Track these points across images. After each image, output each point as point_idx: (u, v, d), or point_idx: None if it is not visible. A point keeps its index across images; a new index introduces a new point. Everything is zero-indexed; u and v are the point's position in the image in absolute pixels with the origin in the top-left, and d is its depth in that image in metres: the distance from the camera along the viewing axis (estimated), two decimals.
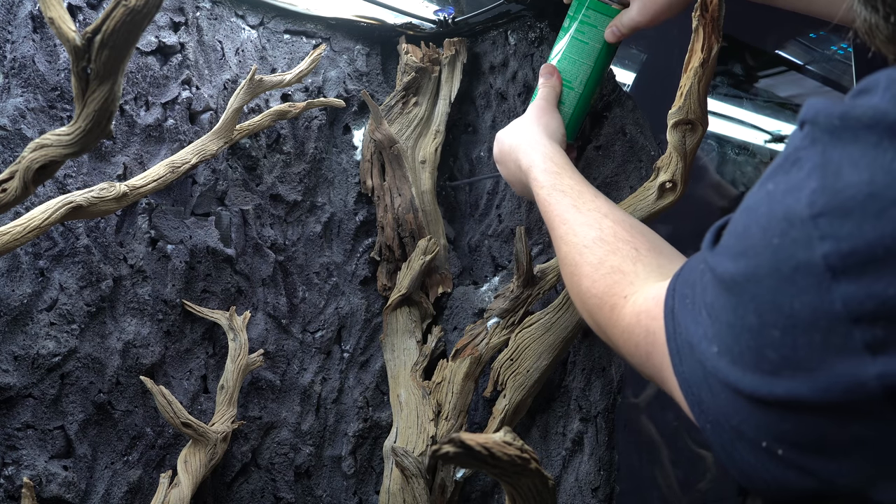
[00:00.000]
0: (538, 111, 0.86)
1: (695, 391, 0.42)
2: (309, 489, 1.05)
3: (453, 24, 1.12)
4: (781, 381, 0.35)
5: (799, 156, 0.36)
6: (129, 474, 0.90)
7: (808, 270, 0.33)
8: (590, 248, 0.63)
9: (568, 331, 0.92)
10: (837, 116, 0.35)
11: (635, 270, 0.58)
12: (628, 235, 0.62)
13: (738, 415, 0.39)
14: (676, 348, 0.45)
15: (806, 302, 0.34)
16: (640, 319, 0.52)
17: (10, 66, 0.85)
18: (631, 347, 0.54)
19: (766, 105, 1.47)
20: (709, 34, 0.68)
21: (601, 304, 0.58)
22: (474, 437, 0.43)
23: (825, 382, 0.34)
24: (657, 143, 0.95)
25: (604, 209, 0.67)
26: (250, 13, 1.05)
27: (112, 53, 0.60)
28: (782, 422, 0.36)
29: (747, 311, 0.37)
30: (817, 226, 0.33)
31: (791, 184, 0.36)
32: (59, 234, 0.86)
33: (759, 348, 0.36)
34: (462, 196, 1.19)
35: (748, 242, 0.37)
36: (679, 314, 0.45)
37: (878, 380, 0.32)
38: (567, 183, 0.72)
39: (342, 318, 1.10)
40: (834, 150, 0.34)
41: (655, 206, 0.82)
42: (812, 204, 0.34)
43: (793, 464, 0.37)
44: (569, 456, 1.00)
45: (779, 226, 0.35)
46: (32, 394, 0.84)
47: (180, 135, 0.96)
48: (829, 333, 0.33)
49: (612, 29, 0.86)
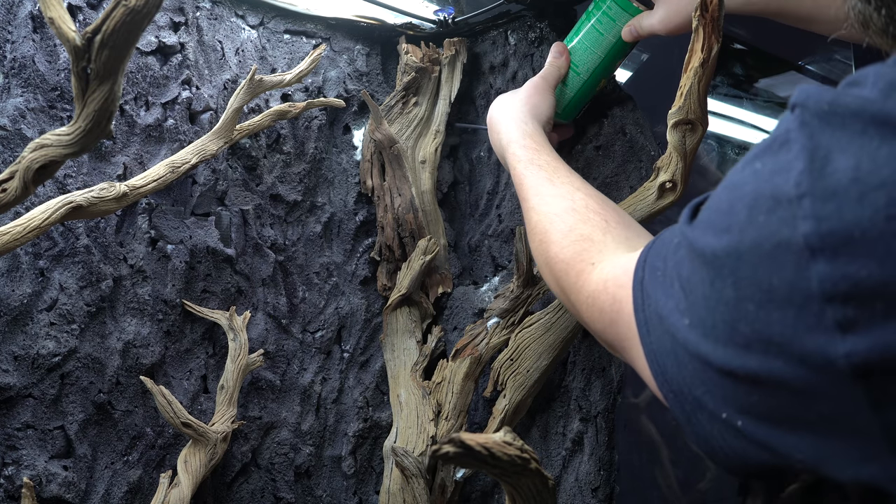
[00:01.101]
0: (532, 89, 0.88)
1: (660, 361, 0.44)
2: (309, 489, 1.05)
3: (453, 24, 1.12)
4: (753, 355, 0.36)
5: (788, 137, 0.37)
6: (129, 474, 0.90)
7: (789, 248, 0.34)
8: (560, 216, 0.65)
9: (568, 331, 0.92)
10: (827, 102, 0.36)
11: (604, 240, 0.60)
12: (599, 208, 0.65)
13: (702, 385, 0.40)
14: (644, 319, 0.46)
15: (783, 278, 0.35)
16: (606, 286, 0.54)
17: (10, 66, 0.85)
18: (595, 313, 0.55)
19: (766, 105, 1.47)
20: (709, 34, 0.68)
21: (568, 269, 0.60)
22: (474, 437, 0.43)
23: (796, 358, 0.35)
24: (657, 143, 0.96)
25: (577, 184, 0.69)
26: (250, 13, 1.05)
27: (112, 53, 0.60)
28: (748, 395, 0.37)
29: (725, 285, 0.38)
30: (801, 206, 0.34)
31: (780, 164, 0.36)
32: (59, 234, 0.86)
33: (733, 322, 0.37)
34: (462, 196, 1.19)
35: (733, 219, 0.38)
36: (649, 286, 0.46)
37: (846, 358, 0.33)
38: (544, 159, 0.74)
39: (342, 318, 1.10)
40: (822, 135, 0.35)
41: (655, 206, 0.82)
42: (798, 184, 0.35)
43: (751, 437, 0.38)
44: (569, 456, 1.00)
45: (765, 204, 0.36)
46: (32, 394, 0.84)
47: (180, 135, 0.96)
48: (803, 310, 0.34)
49: (629, 28, 0.87)
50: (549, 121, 0.87)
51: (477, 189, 1.18)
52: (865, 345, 0.32)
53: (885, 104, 0.34)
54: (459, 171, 1.19)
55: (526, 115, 0.83)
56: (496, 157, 1.14)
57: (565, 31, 1.04)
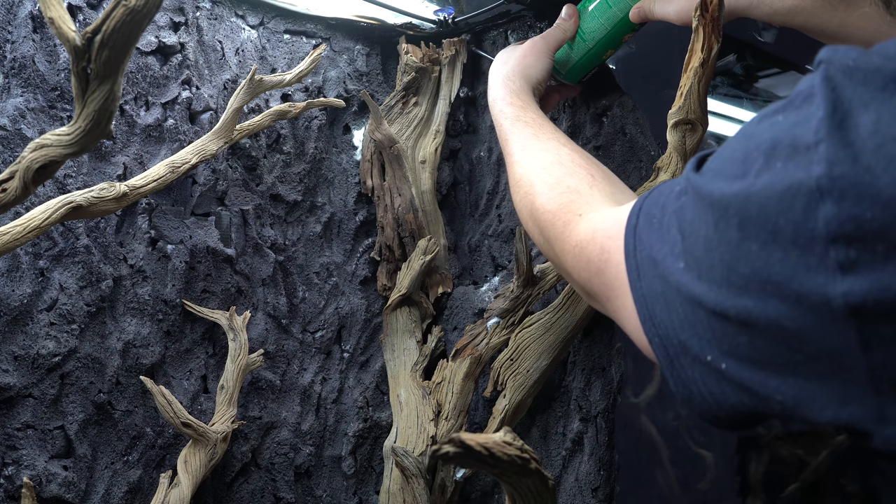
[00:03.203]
0: (529, 49, 0.87)
1: (649, 305, 0.45)
2: (309, 489, 1.05)
3: (453, 24, 1.12)
4: (749, 295, 0.37)
5: (812, 92, 0.37)
6: (129, 474, 0.90)
7: (800, 189, 0.35)
8: (546, 169, 0.66)
9: (568, 331, 0.92)
10: (852, 59, 0.36)
11: (591, 193, 0.61)
12: (585, 163, 0.66)
13: (690, 328, 0.41)
14: (636, 265, 0.47)
15: (790, 218, 0.35)
16: (595, 236, 0.55)
17: (10, 66, 0.85)
18: (581, 262, 0.56)
19: (766, 105, 1.47)
20: (709, 34, 0.68)
21: (554, 219, 0.61)
22: (474, 437, 0.43)
23: (792, 298, 0.35)
24: (657, 143, 0.95)
25: (562, 140, 0.70)
26: (250, 13, 1.05)
27: (112, 53, 0.60)
28: (736, 336, 0.38)
29: (729, 226, 0.38)
30: (817, 151, 0.35)
31: (801, 116, 0.37)
32: (59, 234, 0.86)
33: (732, 262, 0.38)
34: (462, 196, 1.19)
35: (747, 167, 0.39)
36: (643, 232, 0.47)
37: (843, 297, 0.34)
38: (530, 116, 0.75)
39: (342, 318, 1.10)
40: (845, 89, 0.36)
41: None
42: (817, 131, 0.35)
43: (733, 379, 0.39)
44: (569, 456, 1.00)
45: (784, 151, 0.37)
46: (32, 394, 0.84)
47: (180, 135, 0.96)
48: (806, 250, 0.35)
49: (638, 10, 0.85)
50: (542, 83, 0.86)
51: (477, 189, 1.18)
52: (863, 285, 0.33)
53: None
54: (459, 171, 1.19)
55: (517, 74, 0.84)
56: (496, 157, 1.15)
57: None
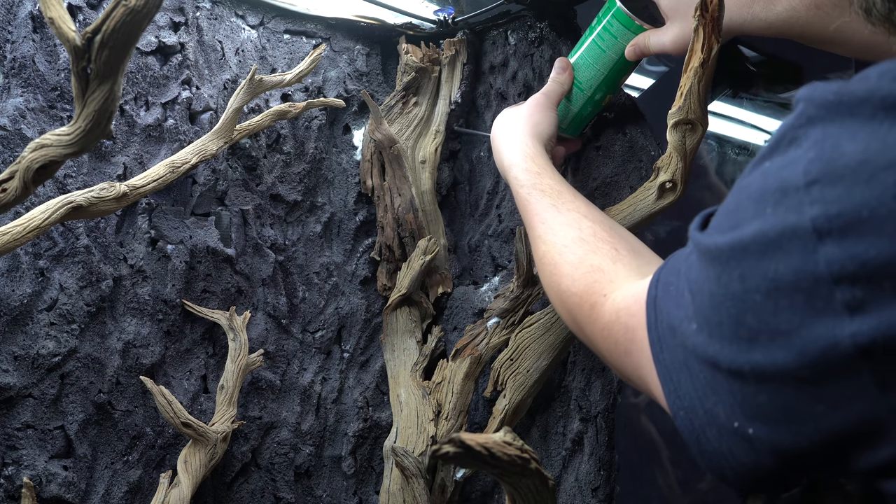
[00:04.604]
0: (534, 107, 0.86)
1: (674, 377, 0.43)
2: (309, 489, 1.05)
3: (453, 24, 1.12)
4: (759, 347, 0.36)
5: (796, 134, 0.37)
6: (129, 474, 0.90)
7: (795, 233, 0.34)
8: (569, 247, 0.63)
9: (568, 331, 0.92)
10: (833, 92, 0.36)
11: (615, 269, 0.59)
12: (608, 236, 0.63)
13: (714, 395, 0.40)
14: (658, 336, 0.45)
15: (790, 264, 0.35)
16: (619, 317, 0.53)
17: (10, 66, 0.85)
18: (610, 345, 0.54)
19: (766, 105, 1.47)
20: (709, 34, 0.68)
21: (581, 302, 0.59)
22: (474, 437, 0.43)
23: (802, 344, 0.34)
24: (657, 143, 0.95)
25: (583, 210, 0.68)
26: (250, 13, 1.05)
27: (112, 53, 0.60)
28: (756, 395, 0.37)
29: (731, 279, 0.38)
30: (809, 192, 0.34)
31: (788, 159, 0.36)
32: (59, 234, 0.86)
33: (739, 315, 0.37)
34: (462, 196, 1.19)
35: (740, 216, 0.38)
36: (662, 301, 0.46)
37: (852, 338, 0.33)
38: (547, 183, 0.73)
39: (342, 318, 1.10)
40: (832, 125, 0.35)
41: (655, 206, 0.82)
42: (807, 172, 0.35)
43: (763, 444, 0.38)
44: (569, 456, 1.00)
45: (772, 196, 0.36)
46: (32, 394, 0.84)
47: (180, 135, 0.96)
48: (811, 294, 0.34)
49: (633, 48, 0.84)
50: (552, 138, 0.85)
51: (477, 189, 1.18)
52: (871, 325, 0.32)
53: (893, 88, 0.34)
54: (459, 171, 1.19)
55: (527, 133, 0.82)
56: None
57: (565, 32, 1.04)
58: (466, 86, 1.14)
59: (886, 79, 0.35)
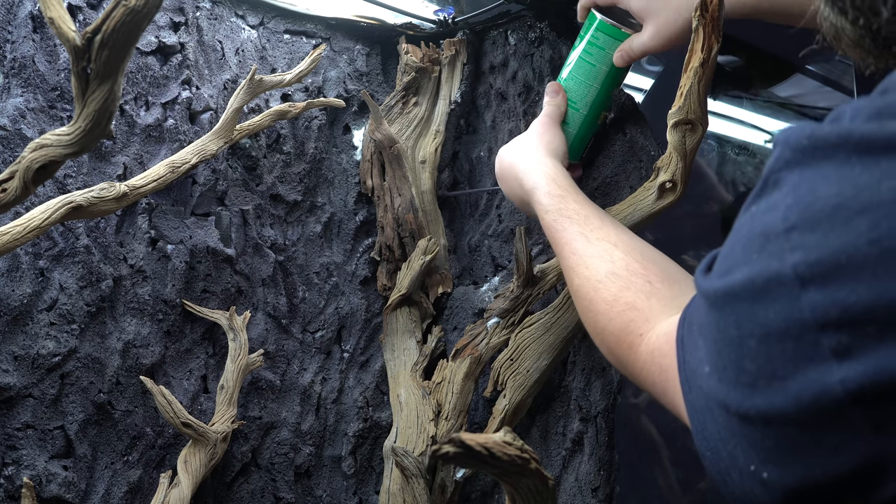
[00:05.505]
0: (541, 128, 0.85)
1: (699, 418, 0.43)
2: (309, 489, 1.05)
3: (453, 24, 1.12)
4: (759, 392, 0.36)
5: (778, 178, 0.37)
6: (129, 474, 0.90)
7: (780, 281, 0.35)
8: (603, 283, 0.62)
9: (568, 331, 0.92)
10: (806, 137, 0.36)
11: (650, 306, 0.58)
12: (640, 268, 0.62)
13: (732, 438, 0.40)
14: (685, 377, 0.46)
15: (778, 311, 0.35)
16: (653, 358, 0.53)
17: (10, 66, 0.85)
18: (649, 383, 0.55)
19: (766, 105, 1.47)
20: (709, 34, 0.68)
21: (619, 341, 0.59)
22: (474, 437, 0.43)
23: (797, 389, 0.35)
24: (657, 143, 0.95)
25: (612, 238, 0.66)
26: (250, 13, 1.05)
27: (112, 53, 0.60)
28: (764, 438, 0.37)
29: (728, 325, 0.38)
30: (789, 238, 0.35)
31: (770, 203, 0.37)
32: (59, 234, 0.86)
33: (738, 360, 0.37)
34: (462, 196, 1.19)
35: (731, 261, 0.39)
36: (687, 342, 0.46)
37: (841, 384, 0.33)
38: (572, 207, 0.71)
39: (342, 318, 1.10)
40: (808, 169, 0.36)
41: (655, 207, 0.82)
42: (786, 218, 0.35)
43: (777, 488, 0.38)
44: (569, 456, 1.00)
45: (757, 241, 0.37)
46: (32, 394, 0.84)
47: (180, 135, 0.96)
48: (800, 341, 0.34)
49: (620, 53, 0.84)
50: (565, 156, 0.84)
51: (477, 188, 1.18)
52: (859, 370, 0.32)
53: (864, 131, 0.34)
54: (459, 171, 1.19)
55: (543, 154, 0.80)
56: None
57: (565, 32, 1.04)
58: (466, 86, 1.14)
59: (858, 120, 0.35)
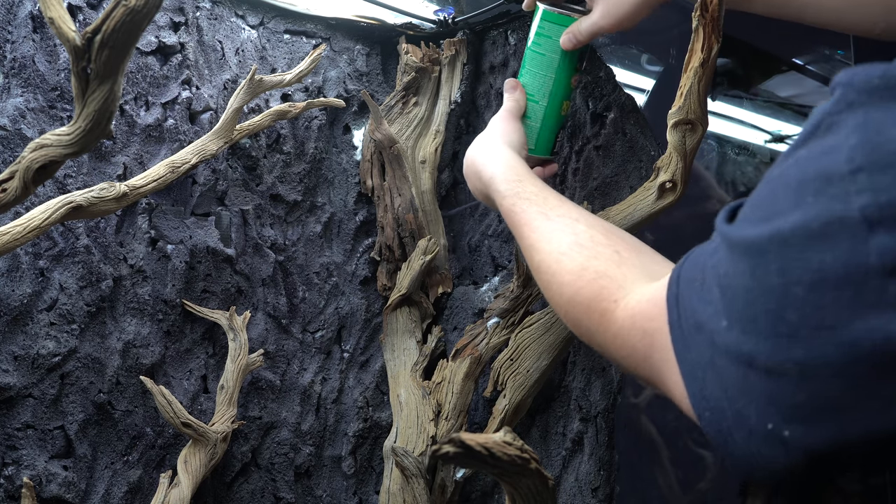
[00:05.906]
0: (498, 121, 0.85)
1: (699, 375, 0.41)
2: (309, 489, 1.05)
3: (453, 24, 1.12)
4: (800, 343, 0.35)
5: (833, 120, 0.35)
6: (129, 474, 0.90)
7: (843, 224, 0.33)
8: (567, 254, 0.60)
9: (568, 331, 0.92)
10: (878, 76, 0.34)
11: (622, 273, 0.56)
12: (605, 239, 0.60)
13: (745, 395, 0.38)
14: (682, 335, 0.44)
15: (837, 256, 0.33)
16: (635, 322, 0.51)
17: (10, 66, 0.85)
18: (627, 350, 0.52)
19: (766, 105, 1.47)
20: (709, 34, 0.68)
21: (589, 311, 0.56)
22: (474, 437, 0.43)
23: (852, 339, 0.33)
24: (657, 143, 0.95)
25: (574, 214, 0.65)
26: (250, 13, 1.05)
27: (112, 53, 0.60)
28: (795, 394, 0.35)
29: (768, 272, 0.36)
30: (855, 180, 0.33)
31: (827, 146, 0.35)
32: (59, 234, 0.86)
33: (778, 310, 0.35)
34: (462, 196, 1.19)
35: (776, 207, 0.36)
36: (685, 299, 0.44)
37: None
38: (530, 190, 0.70)
39: (342, 318, 1.10)
40: (876, 110, 0.34)
41: (655, 206, 0.82)
42: (851, 160, 0.33)
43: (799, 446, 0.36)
44: (569, 456, 1.00)
45: (813, 185, 0.35)
46: (32, 394, 0.84)
47: (180, 135, 0.96)
48: (862, 287, 0.32)
49: (567, 36, 0.83)
50: (523, 147, 0.84)
51: None
52: None
53: None
54: (459, 171, 1.19)
55: (499, 145, 0.80)
56: None
57: None
58: (466, 86, 1.14)
59: None
